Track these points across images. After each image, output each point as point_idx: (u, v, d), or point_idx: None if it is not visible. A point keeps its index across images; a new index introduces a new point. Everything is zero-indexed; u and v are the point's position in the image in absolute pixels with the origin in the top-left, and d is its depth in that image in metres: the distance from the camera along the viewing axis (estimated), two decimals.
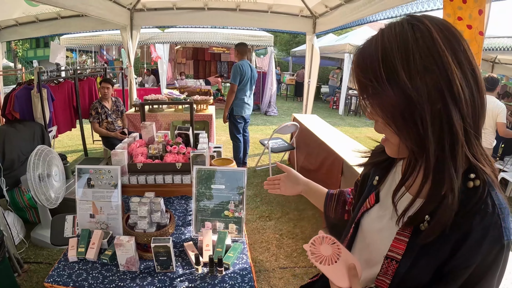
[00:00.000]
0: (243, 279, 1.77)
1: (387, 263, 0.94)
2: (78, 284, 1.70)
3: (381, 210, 1.03)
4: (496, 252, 0.77)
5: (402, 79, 0.77)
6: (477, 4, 2.63)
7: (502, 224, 0.78)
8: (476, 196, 0.80)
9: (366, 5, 4.41)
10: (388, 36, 0.81)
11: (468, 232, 0.78)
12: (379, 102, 0.83)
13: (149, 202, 1.92)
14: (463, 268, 0.79)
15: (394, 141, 0.87)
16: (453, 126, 0.77)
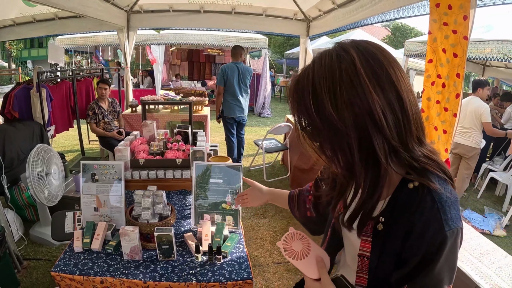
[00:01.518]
0: (240, 266, 1.88)
1: (361, 261, 1.04)
2: (84, 272, 1.80)
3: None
4: (440, 242, 0.86)
5: (329, 111, 0.84)
6: (462, 10, 2.75)
7: (442, 216, 0.86)
8: (416, 195, 0.90)
9: (358, 9, 4.53)
10: (318, 68, 0.87)
11: (411, 228, 0.88)
12: (312, 133, 0.92)
13: (152, 195, 2.03)
14: (412, 257, 0.90)
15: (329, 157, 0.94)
16: (375, 151, 0.85)
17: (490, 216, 5.20)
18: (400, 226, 0.91)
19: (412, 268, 0.91)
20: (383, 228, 0.95)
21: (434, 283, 0.91)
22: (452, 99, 2.88)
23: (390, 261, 0.96)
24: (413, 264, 0.90)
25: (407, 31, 29.58)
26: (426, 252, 0.87)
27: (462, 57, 2.79)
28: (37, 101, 4.63)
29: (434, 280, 0.91)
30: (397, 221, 0.92)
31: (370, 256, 1.00)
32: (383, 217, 0.96)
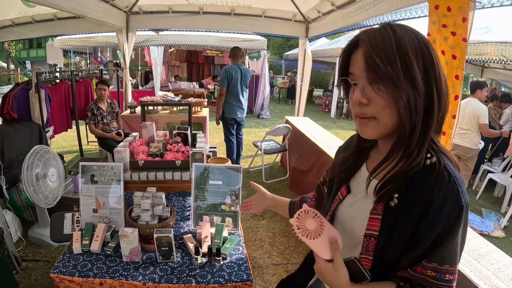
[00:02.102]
0: (240, 268, 1.88)
1: (367, 241, 1.05)
2: (84, 274, 1.80)
3: (353, 198, 1.16)
4: (457, 213, 0.91)
5: (415, 71, 0.90)
6: (461, 12, 2.75)
7: (459, 189, 0.92)
8: (434, 170, 0.94)
9: (357, 11, 4.54)
10: (399, 33, 0.92)
11: (430, 202, 0.92)
12: (391, 87, 0.92)
13: (152, 196, 2.03)
14: (429, 232, 0.93)
15: (390, 122, 0.96)
16: (431, 117, 0.94)
17: (489, 217, 5.22)
18: (417, 201, 0.94)
19: (429, 245, 0.94)
20: (396, 203, 0.98)
21: (452, 256, 0.95)
22: (451, 100, 2.88)
23: (401, 240, 0.98)
24: (430, 240, 0.93)
25: None
26: (444, 225, 0.92)
27: (461, 59, 2.80)
28: (36, 102, 4.63)
29: (452, 253, 0.95)
30: (415, 196, 0.95)
31: (379, 235, 1.02)
32: (398, 193, 0.98)
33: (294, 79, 16.32)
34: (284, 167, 6.72)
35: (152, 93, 10.58)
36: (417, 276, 0.98)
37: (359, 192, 1.14)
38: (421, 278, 0.97)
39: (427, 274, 0.96)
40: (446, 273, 0.95)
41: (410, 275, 0.99)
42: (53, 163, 3.54)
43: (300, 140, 5.52)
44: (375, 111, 0.96)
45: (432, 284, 0.97)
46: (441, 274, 0.95)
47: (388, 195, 0.99)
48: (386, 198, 1.00)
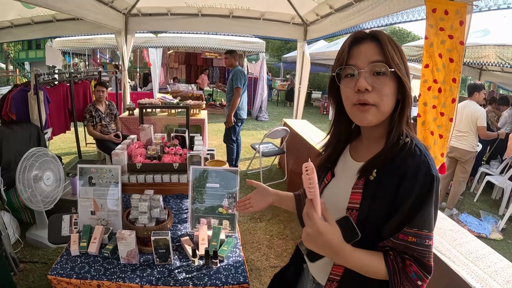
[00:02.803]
0: (237, 270, 1.89)
1: (349, 213, 1.15)
2: (81, 276, 1.81)
3: (337, 180, 1.30)
4: (429, 182, 1.04)
5: (407, 67, 1.13)
6: (459, 15, 2.77)
7: (429, 162, 1.07)
8: (407, 147, 1.10)
9: (355, 14, 4.55)
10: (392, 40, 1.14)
11: (406, 171, 1.06)
12: (394, 79, 1.11)
13: (149, 199, 2.04)
14: (406, 198, 1.05)
15: (388, 108, 1.13)
16: (408, 107, 1.14)
17: (487, 219, 5.23)
18: (394, 172, 1.09)
19: (407, 212, 1.06)
20: (375, 176, 1.12)
21: (429, 221, 1.06)
22: (448, 104, 2.90)
23: (381, 210, 1.10)
24: (408, 206, 1.05)
25: (404, 35, 29.63)
26: (419, 192, 1.04)
27: (458, 62, 2.81)
28: (35, 104, 4.63)
29: (429, 218, 1.06)
30: (391, 169, 1.10)
31: (360, 206, 1.13)
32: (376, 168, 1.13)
33: (292, 82, 16.33)
34: (282, 169, 6.73)
35: (150, 95, 10.59)
36: (399, 244, 1.07)
37: (342, 175, 1.29)
38: (403, 245, 1.07)
39: (408, 240, 1.06)
40: (426, 238, 1.06)
41: (392, 244, 1.09)
42: (49, 166, 3.51)
43: (298, 142, 5.53)
44: (377, 98, 1.10)
45: (414, 249, 1.06)
46: (421, 239, 1.06)
47: (369, 171, 1.14)
48: (367, 174, 1.14)
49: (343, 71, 1.15)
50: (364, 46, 1.12)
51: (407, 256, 1.08)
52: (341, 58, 1.15)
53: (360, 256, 1.09)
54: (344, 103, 1.19)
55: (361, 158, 1.22)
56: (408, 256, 1.07)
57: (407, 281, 1.07)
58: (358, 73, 1.10)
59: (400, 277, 1.07)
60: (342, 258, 1.07)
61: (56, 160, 3.64)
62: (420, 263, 1.07)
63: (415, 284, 1.07)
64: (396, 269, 1.07)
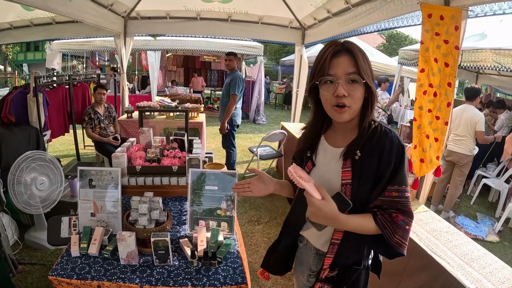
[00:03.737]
0: (235, 271, 1.92)
1: (344, 188, 1.45)
2: (82, 276, 1.83)
3: (319, 168, 1.58)
4: (402, 151, 1.40)
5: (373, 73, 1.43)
6: (454, 20, 2.81)
7: (397, 136, 1.42)
8: (378, 129, 1.44)
9: (353, 19, 4.60)
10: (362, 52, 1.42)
11: (383, 147, 1.40)
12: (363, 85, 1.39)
13: (149, 201, 2.07)
14: (387, 166, 1.39)
15: (357, 108, 1.41)
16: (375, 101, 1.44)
17: (483, 222, 5.27)
18: (374, 151, 1.40)
19: (390, 175, 1.39)
20: (359, 156, 1.42)
21: (405, 179, 1.40)
22: (443, 107, 2.93)
23: (369, 181, 1.42)
24: (389, 172, 1.38)
25: (402, 39, 29.68)
26: (396, 159, 1.38)
27: (453, 67, 2.85)
28: (34, 106, 4.65)
29: (404, 176, 1.40)
30: (371, 148, 1.41)
31: (352, 181, 1.43)
32: (358, 149, 1.43)
33: (289, 85, 16.38)
34: (280, 172, 6.76)
35: (149, 98, 10.59)
36: (386, 200, 1.39)
37: (323, 162, 1.57)
38: (389, 200, 1.39)
39: (392, 195, 1.39)
40: (404, 191, 1.39)
41: (380, 201, 1.40)
42: (43, 171, 3.50)
43: (295, 145, 5.54)
44: (351, 102, 1.38)
45: (398, 202, 1.39)
46: (401, 192, 1.39)
47: (353, 153, 1.44)
48: (351, 155, 1.44)
49: (324, 78, 1.41)
50: (341, 58, 1.38)
51: (392, 210, 1.39)
52: (322, 68, 1.40)
53: (354, 220, 1.39)
54: (323, 104, 1.46)
55: (339, 144, 1.53)
56: (393, 209, 1.39)
57: (398, 229, 1.37)
58: (337, 83, 1.37)
59: (392, 228, 1.38)
60: (340, 224, 1.37)
61: (54, 163, 3.63)
62: (403, 212, 1.39)
63: (404, 229, 1.38)
64: (385, 223, 1.38)
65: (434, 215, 2.93)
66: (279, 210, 5.10)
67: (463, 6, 2.82)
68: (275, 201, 5.43)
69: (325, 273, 1.53)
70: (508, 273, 2.15)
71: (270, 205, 5.28)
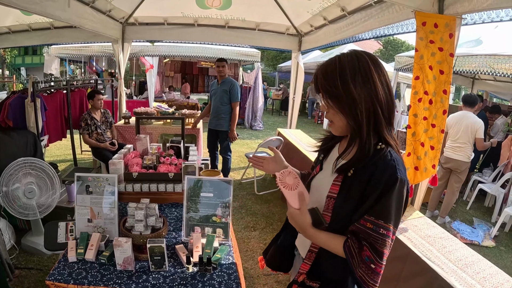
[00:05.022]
0: (230, 277, 1.94)
1: (328, 201, 1.44)
2: (79, 281, 1.85)
3: (324, 172, 1.58)
4: (393, 181, 1.29)
5: (351, 88, 1.32)
6: (448, 28, 2.84)
7: (396, 166, 1.31)
8: (381, 152, 1.35)
9: (348, 26, 4.64)
10: (343, 61, 1.36)
11: (375, 170, 1.32)
12: (336, 100, 1.37)
13: (145, 207, 2.09)
14: (372, 192, 1.31)
15: (340, 124, 1.41)
16: (377, 116, 1.34)
17: (479, 227, 5.29)
18: (366, 171, 1.34)
19: (372, 202, 1.30)
20: (352, 173, 1.38)
21: (386, 213, 1.29)
22: (439, 115, 2.96)
23: (353, 201, 1.36)
24: (373, 198, 1.30)
25: (399, 45, 29.80)
26: (382, 189, 1.29)
27: (448, 74, 2.88)
28: (32, 111, 4.66)
29: (386, 211, 1.29)
30: (365, 167, 1.35)
31: (337, 196, 1.41)
32: (353, 167, 1.38)
33: (287, 91, 16.42)
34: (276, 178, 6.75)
35: (146, 103, 10.59)
36: (360, 228, 1.32)
37: (328, 169, 1.54)
38: (363, 229, 1.31)
39: (366, 226, 1.30)
40: (380, 227, 1.29)
41: (355, 228, 1.33)
42: (31, 179, 3.50)
43: (291, 152, 5.58)
44: (331, 117, 1.43)
45: (370, 235, 1.30)
46: (376, 227, 1.29)
47: (346, 169, 1.40)
48: (345, 172, 1.40)
49: None
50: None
51: (365, 242, 1.30)
52: (314, 85, 1.46)
53: (322, 237, 1.41)
54: None
55: (346, 156, 1.46)
56: (366, 242, 1.30)
57: (362, 264, 1.30)
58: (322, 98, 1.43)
59: (357, 260, 1.31)
60: (307, 236, 1.44)
61: (48, 170, 3.61)
62: (373, 248, 1.29)
63: (368, 267, 1.29)
64: (353, 252, 1.32)
65: (429, 221, 2.95)
66: (275, 217, 5.11)
67: (457, 14, 2.86)
68: (272, 207, 5.45)
69: (301, 277, 1.53)
70: (502, 278, 2.17)
71: (266, 211, 5.29)
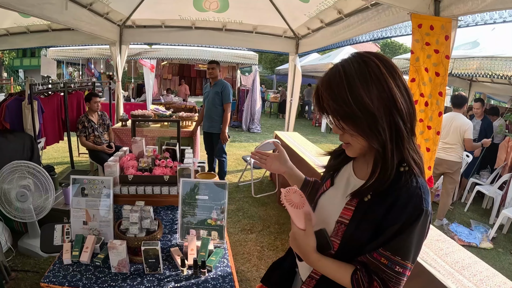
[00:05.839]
0: (224, 280, 1.94)
1: (338, 227, 1.24)
2: (73, 284, 1.85)
3: (335, 190, 1.35)
4: (418, 214, 1.08)
5: (366, 101, 1.07)
6: (444, 30, 2.85)
7: (423, 195, 1.10)
8: (405, 176, 1.13)
9: (345, 28, 4.66)
10: (349, 70, 1.10)
11: (397, 199, 1.11)
12: (351, 120, 1.12)
13: (140, 210, 2.09)
14: (392, 225, 1.10)
15: (360, 146, 1.17)
16: (399, 129, 1.11)
17: (477, 229, 5.29)
18: (386, 198, 1.12)
19: (390, 236, 1.11)
20: (369, 198, 1.17)
21: (405, 250, 1.10)
22: (435, 117, 2.96)
23: (367, 231, 1.16)
24: (392, 231, 1.10)
25: (396, 47, 29.88)
26: (404, 222, 1.09)
27: (444, 76, 2.88)
28: (29, 113, 4.66)
29: (405, 248, 1.10)
30: (385, 194, 1.13)
31: (349, 223, 1.20)
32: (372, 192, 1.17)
33: (284, 94, 16.44)
34: (273, 181, 6.77)
35: (144, 106, 10.60)
36: (372, 262, 1.14)
37: (340, 186, 1.33)
38: (375, 264, 1.13)
39: (380, 261, 1.12)
40: (396, 264, 1.10)
41: (367, 260, 1.15)
42: (21, 183, 3.49)
43: (289, 155, 5.56)
44: (349, 139, 1.19)
45: (383, 271, 1.12)
46: (392, 263, 1.11)
47: (363, 194, 1.18)
48: (361, 196, 1.19)
49: None
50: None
51: (376, 277, 1.13)
52: (316, 101, 1.24)
53: (327, 264, 1.21)
54: None
55: (360, 174, 1.29)
56: (378, 277, 1.13)
57: None
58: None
59: None
60: (310, 262, 1.23)
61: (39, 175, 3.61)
62: (385, 286, 1.12)
63: None
64: (362, 286, 1.15)
65: None
66: (272, 219, 5.11)
67: (453, 16, 2.86)
68: (269, 210, 5.45)
69: None
70: (499, 281, 2.17)
71: (263, 214, 5.29)
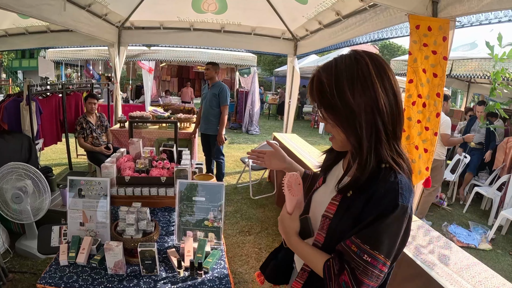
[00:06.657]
0: (221, 281, 1.94)
1: (323, 220, 1.29)
2: (69, 285, 1.85)
3: (325, 187, 1.42)
4: (392, 207, 1.11)
5: (348, 97, 1.14)
6: (442, 31, 2.85)
7: (400, 190, 1.12)
8: (384, 172, 1.16)
9: (343, 30, 4.66)
10: (340, 66, 1.18)
11: (374, 192, 1.14)
12: (332, 112, 1.20)
13: (136, 211, 2.08)
14: (368, 216, 1.14)
15: (340, 138, 1.24)
16: (378, 130, 1.16)
17: (476, 230, 5.29)
18: (365, 193, 1.17)
19: (363, 226, 1.14)
20: (351, 193, 1.22)
21: (375, 239, 1.12)
22: (432, 118, 2.96)
23: (348, 222, 1.20)
24: (366, 222, 1.14)
25: (395, 49, 29.94)
26: (379, 213, 1.12)
27: (442, 77, 2.88)
28: (27, 114, 4.65)
29: (376, 237, 1.12)
30: (364, 189, 1.18)
31: (333, 217, 1.25)
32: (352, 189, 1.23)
33: (283, 95, 16.44)
34: (271, 183, 6.76)
35: (142, 107, 10.59)
36: (344, 248, 1.17)
37: (330, 184, 1.39)
38: (346, 251, 1.16)
39: (351, 248, 1.15)
40: (365, 252, 1.12)
41: (342, 249, 1.18)
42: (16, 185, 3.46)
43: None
44: (331, 130, 1.26)
45: (352, 258, 1.14)
46: (361, 251, 1.12)
47: (346, 190, 1.24)
48: (344, 192, 1.24)
49: None
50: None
51: (347, 265, 1.15)
52: (309, 93, 1.31)
53: (304, 249, 1.29)
54: None
55: (349, 173, 1.31)
56: (348, 266, 1.14)
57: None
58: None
59: (333, 283, 1.16)
60: (290, 244, 1.32)
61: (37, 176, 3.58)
62: (353, 274, 1.13)
63: None
64: (332, 275, 1.17)
65: (423, 225, 2.95)
66: (270, 221, 5.10)
67: (451, 17, 2.86)
68: (267, 212, 5.45)
69: None
70: (498, 282, 2.16)
71: (261, 216, 5.28)
